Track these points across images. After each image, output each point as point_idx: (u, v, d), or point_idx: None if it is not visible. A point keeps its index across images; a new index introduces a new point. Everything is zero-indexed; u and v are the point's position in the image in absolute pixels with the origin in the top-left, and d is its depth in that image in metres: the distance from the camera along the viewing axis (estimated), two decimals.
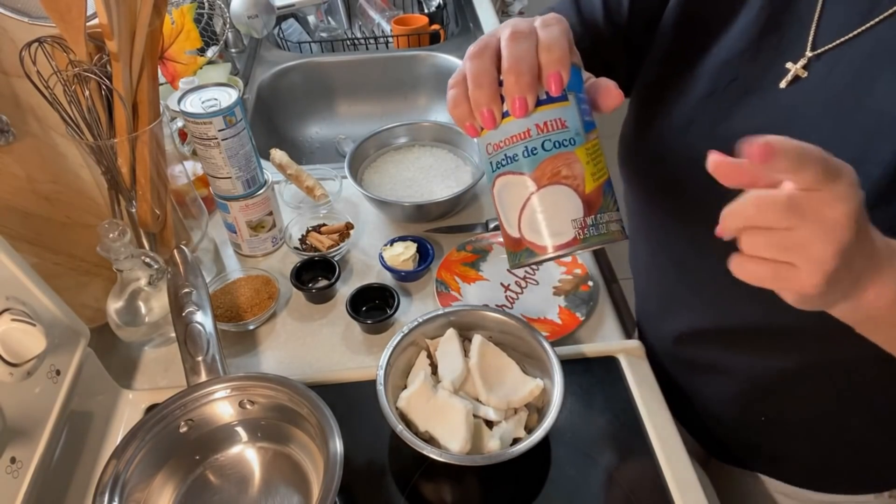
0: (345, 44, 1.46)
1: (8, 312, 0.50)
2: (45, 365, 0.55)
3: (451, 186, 0.94)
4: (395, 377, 0.64)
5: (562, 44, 0.44)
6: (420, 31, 1.43)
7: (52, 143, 0.70)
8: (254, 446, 0.62)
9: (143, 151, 0.69)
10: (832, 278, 0.38)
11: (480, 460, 0.57)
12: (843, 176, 0.37)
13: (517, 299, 0.82)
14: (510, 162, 0.46)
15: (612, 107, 0.49)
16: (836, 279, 0.39)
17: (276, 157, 0.97)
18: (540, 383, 0.63)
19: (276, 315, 0.82)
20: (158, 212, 0.74)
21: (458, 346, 0.66)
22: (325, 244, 0.87)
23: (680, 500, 0.60)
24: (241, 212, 0.84)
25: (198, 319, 0.64)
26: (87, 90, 0.64)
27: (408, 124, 1.03)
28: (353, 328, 0.79)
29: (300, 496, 0.58)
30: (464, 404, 0.60)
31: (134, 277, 0.70)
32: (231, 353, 0.77)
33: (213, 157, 0.78)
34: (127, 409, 0.69)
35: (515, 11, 2.40)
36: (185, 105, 0.75)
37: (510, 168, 0.46)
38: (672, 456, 0.63)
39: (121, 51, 0.63)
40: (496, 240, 0.90)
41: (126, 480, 0.54)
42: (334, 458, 0.53)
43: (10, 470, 0.50)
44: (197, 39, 1.11)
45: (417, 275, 0.84)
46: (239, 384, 0.60)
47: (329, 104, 1.41)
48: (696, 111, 0.59)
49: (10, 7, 0.66)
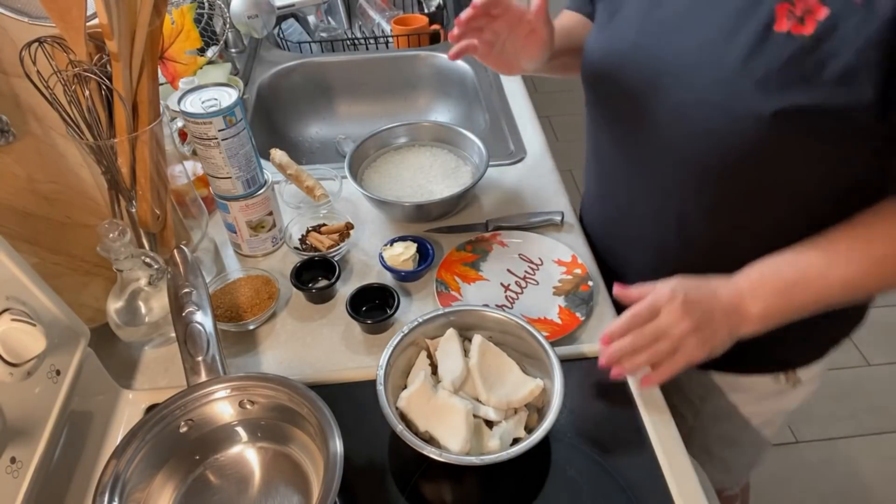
0: (345, 44, 1.46)
1: (8, 312, 0.51)
2: (45, 365, 0.55)
3: (451, 186, 0.94)
4: (395, 377, 0.64)
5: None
6: (420, 31, 1.43)
7: (52, 143, 0.70)
8: (254, 446, 0.62)
9: (143, 151, 0.69)
10: (704, 339, 0.63)
11: (480, 460, 0.57)
12: (663, 298, 0.63)
13: (517, 299, 0.82)
14: None
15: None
16: (707, 337, 0.63)
17: (276, 157, 0.97)
18: (540, 383, 0.63)
19: (276, 315, 0.82)
20: (158, 212, 0.74)
21: (458, 346, 0.66)
22: (325, 244, 0.87)
23: (680, 499, 0.60)
24: (241, 212, 0.84)
25: (198, 319, 0.64)
26: (87, 90, 0.64)
27: (408, 124, 1.03)
28: (353, 328, 0.79)
29: (300, 496, 0.58)
30: (464, 404, 0.60)
31: (134, 277, 0.70)
32: (231, 353, 0.77)
33: (213, 157, 0.78)
34: (127, 409, 0.69)
35: None
36: (185, 105, 0.75)
37: None
38: (672, 456, 0.63)
39: (121, 51, 0.63)
40: (496, 240, 0.90)
41: (126, 480, 0.54)
42: (334, 458, 0.53)
43: (10, 470, 0.50)
44: (197, 39, 1.11)
45: (417, 275, 0.84)
46: (239, 384, 0.60)
47: (329, 104, 1.41)
48: (640, 14, 0.70)
49: (10, 7, 0.66)
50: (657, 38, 0.68)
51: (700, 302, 0.64)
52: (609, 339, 0.65)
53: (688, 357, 0.63)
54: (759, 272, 0.66)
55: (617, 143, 0.79)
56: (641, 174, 0.76)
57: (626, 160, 0.77)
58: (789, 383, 0.82)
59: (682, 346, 0.63)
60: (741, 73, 0.60)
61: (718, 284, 0.66)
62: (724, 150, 0.63)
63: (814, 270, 0.63)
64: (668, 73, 0.66)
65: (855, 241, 0.63)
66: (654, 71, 0.67)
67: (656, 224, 0.77)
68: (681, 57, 0.65)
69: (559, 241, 0.89)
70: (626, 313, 0.65)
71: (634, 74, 0.70)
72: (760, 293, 0.64)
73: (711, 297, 0.65)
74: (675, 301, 0.64)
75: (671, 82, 0.66)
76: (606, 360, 0.65)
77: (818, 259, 0.64)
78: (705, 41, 0.63)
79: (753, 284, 0.65)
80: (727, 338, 0.65)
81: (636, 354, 0.64)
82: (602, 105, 0.79)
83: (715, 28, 0.62)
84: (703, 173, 0.67)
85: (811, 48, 0.56)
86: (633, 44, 0.70)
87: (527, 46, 0.73)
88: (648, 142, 0.72)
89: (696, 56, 0.64)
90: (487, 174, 0.94)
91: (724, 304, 0.64)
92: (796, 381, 0.82)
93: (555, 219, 0.92)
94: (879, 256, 0.62)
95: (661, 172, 0.72)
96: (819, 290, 0.63)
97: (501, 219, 0.93)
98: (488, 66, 0.76)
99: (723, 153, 0.64)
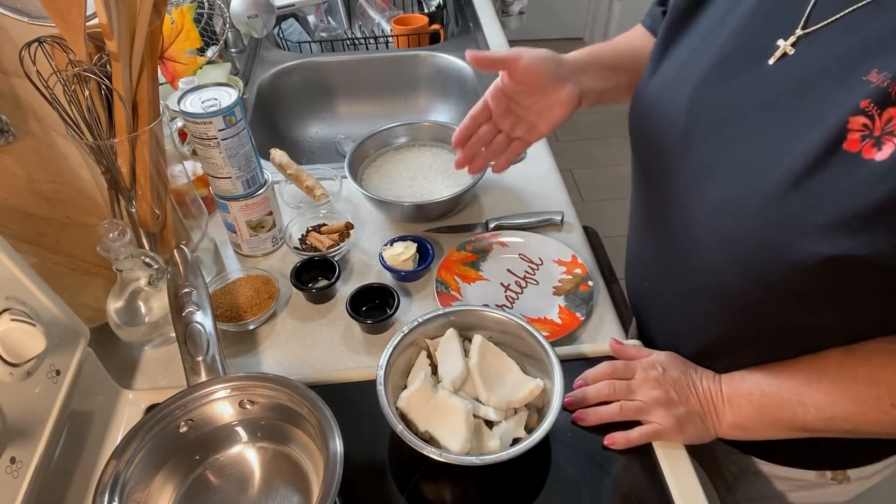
0: (345, 44, 1.46)
1: (8, 312, 0.50)
2: (45, 365, 0.55)
3: (451, 186, 0.94)
4: (395, 377, 0.64)
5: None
6: (420, 30, 1.43)
7: (52, 143, 0.70)
8: (254, 446, 0.62)
9: (143, 151, 0.69)
10: (675, 416, 0.63)
11: (480, 460, 0.57)
12: (644, 364, 0.67)
13: (517, 299, 0.82)
14: None
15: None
16: (679, 416, 0.63)
17: (276, 157, 0.97)
18: (540, 383, 0.63)
19: (276, 315, 0.82)
20: (158, 212, 0.74)
21: (458, 346, 0.66)
22: (325, 244, 0.87)
23: (680, 499, 0.60)
24: (241, 212, 0.84)
25: (198, 319, 0.64)
26: (86, 90, 0.64)
27: (408, 124, 1.03)
28: (353, 328, 0.79)
29: (300, 496, 0.58)
30: (464, 404, 0.60)
31: (134, 277, 0.70)
32: (231, 353, 0.77)
33: (213, 157, 0.78)
34: (127, 409, 0.69)
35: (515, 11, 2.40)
36: (185, 105, 0.75)
37: None
38: (672, 456, 0.63)
39: (121, 51, 0.63)
40: (496, 240, 0.90)
41: (126, 480, 0.54)
42: (334, 458, 0.53)
43: (10, 470, 0.49)
44: (197, 39, 1.11)
45: (417, 275, 0.84)
46: (239, 384, 0.60)
47: (329, 104, 1.41)
48: (697, 82, 0.60)
49: (10, 7, 0.66)
50: (712, 116, 0.58)
51: (677, 382, 0.65)
52: (582, 384, 0.68)
53: (658, 428, 0.63)
54: (741, 375, 0.64)
55: (650, 206, 0.71)
56: (670, 249, 0.67)
57: (658, 229, 0.69)
58: (835, 480, 0.73)
59: (650, 410, 0.64)
60: (790, 193, 0.49)
61: (703, 376, 0.66)
62: (748, 276, 0.54)
63: (790, 391, 0.59)
64: (713, 165, 0.57)
65: (841, 370, 0.57)
66: (700, 157, 0.58)
67: (677, 299, 0.69)
68: (731, 150, 0.55)
69: (559, 241, 0.89)
70: (602, 364, 0.69)
71: (678, 150, 0.61)
72: (736, 401, 0.63)
73: (690, 384, 0.65)
74: (653, 370, 0.66)
75: (713, 178, 0.57)
76: (573, 400, 0.66)
77: (800, 377, 0.59)
78: (765, 142, 0.53)
79: (732, 391, 0.63)
80: (702, 428, 0.64)
81: (602, 406, 0.65)
82: (638, 161, 0.72)
83: (785, 129, 0.51)
84: (725, 287, 0.58)
85: (880, 179, 0.44)
86: (685, 112, 0.60)
87: (542, 113, 0.70)
88: (678, 225, 0.63)
89: (749, 156, 0.53)
90: (487, 174, 0.94)
91: (701, 397, 0.64)
92: (844, 479, 0.73)
93: (555, 219, 0.92)
94: (862, 394, 0.56)
95: (684, 260, 0.64)
96: (794, 411, 0.59)
97: (501, 219, 0.93)
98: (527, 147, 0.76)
99: (746, 278, 0.55)
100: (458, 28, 1.50)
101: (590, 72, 0.74)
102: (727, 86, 0.57)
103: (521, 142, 0.75)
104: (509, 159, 0.76)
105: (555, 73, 0.69)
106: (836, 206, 0.46)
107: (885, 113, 0.45)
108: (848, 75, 0.48)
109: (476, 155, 0.75)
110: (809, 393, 0.58)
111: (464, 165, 0.75)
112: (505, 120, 0.73)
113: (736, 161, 0.54)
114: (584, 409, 0.66)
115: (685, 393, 0.65)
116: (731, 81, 0.57)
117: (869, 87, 0.46)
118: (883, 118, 0.45)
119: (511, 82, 0.69)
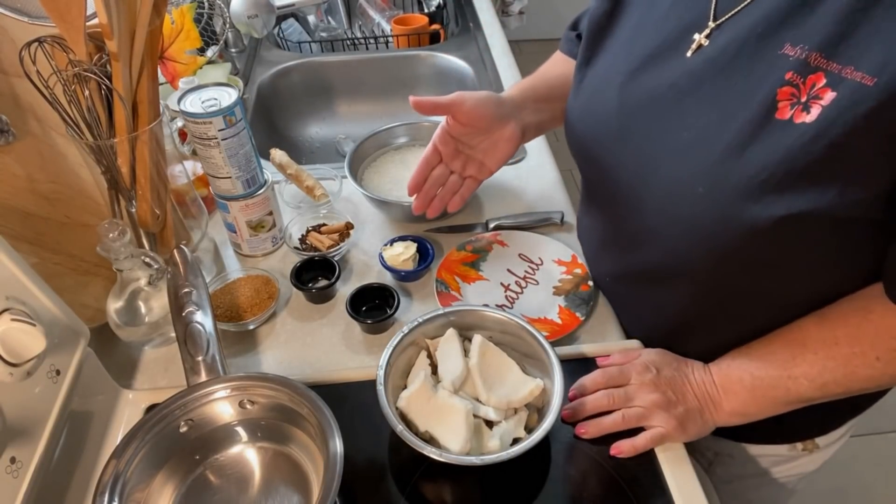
0: (345, 44, 1.46)
1: (8, 312, 0.50)
2: (45, 365, 0.55)
3: None
4: (395, 377, 0.64)
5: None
6: (420, 30, 1.43)
7: (52, 143, 0.70)
8: (254, 446, 0.62)
9: (143, 151, 0.69)
10: (676, 416, 0.63)
11: (480, 460, 0.57)
12: (636, 368, 0.67)
13: (517, 299, 0.82)
14: None
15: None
16: (679, 415, 0.63)
17: (276, 157, 0.97)
18: (540, 383, 0.63)
19: (276, 315, 0.82)
20: (158, 212, 0.74)
21: (459, 346, 0.66)
22: (325, 244, 0.87)
23: (680, 499, 0.60)
24: (241, 212, 0.84)
25: (198, 319, 0.64)
26: (86, 90, 0.64)
27: (408, 124, 1.03)
28: (353, 328, 0.79)
29: (300, 496, 0.58)
30: (464, 404, 0.60)
31: (134, 277, 0.70)
32: (231, 353, 0.77)
33: (213, 157, 0.78)
34: (127, 409, 0.69)
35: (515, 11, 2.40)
36: (185, 105, 0.75)
37: None
38: (672, 456, 0.63)
39: (121, 51, 0.63)
40: (496, 240, 0.90)
41: (126, 480, 0.54)
42: (334, 458, 0.53)
43: (10, 470, 0.49)
44: (197, 39, 1.11)
45: (417, 275, 0.84)
46: (239, 384, 0.60)
47: (329, 104, 1.41)
48: (623, 82, 0.64)
49: (10, 7, 0.66)
50: (642, 111, 0.61)
51: (672, 381, 0.66)
52: (577, 394, 0.67)
53: (662, 431, 0.63)
54: (728, 363, 0.65)
55: (602, 212, 0.74)
56: (630, 244, 0.70)
57: (614, 230, 0.73)
58: (806, 451, 0.77)
59: (652, 415, 0.63)
60: (733, 165, 0.53)
61: (694, 368, 0.67)
62: (709, 251, 0.58)
63: (779, 368, 0.61)
64: (654, 155, 0.60)
65: (822, 337, 0.59)
66: (639, 150, 0.62)
67: (645, 289, 0.72)
68: (667, 137, 0.59)
69: (559, 240, 0.89)
70: (596, 372, 0.68)
71: (616, 149, 0.65)
72: (730, 389, 0.64)
73: (684, 380, 0.66)
74: (647, 373, 0.66)
75: (656, 166, 0.60)
76: (571, 412, 0.66)
77: (783, 353, 0.61)
78: (697, 125, 0.56)
79: (724, 379, 0.64)
80: (702, 423, 0.64)
81: (603, 417, 0.65)
82: (585, 169, 0.74)
83: (714, 110, 0.55)
84: (688, 265, 0.62)
85: (814, 139, 0.48)
86: (616, 113, 0.64)
87: (488, 151, 0.76)
88: (632, 219, 0.66)
89: (686, 139, 0.57)
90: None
91: (697, 391, 0.65)
92: (814, 448, 0.77)
93: (555, 219, 0.92)
94: (847, 355, 0.58)
95: (646, 251, 0.67)
96: (787, 387, 0.61)
97: (501, 219, 0.93)
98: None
99: (707, 253, 0.58)
100: (458, 28, 1.50)
101: (527, 107, 0.81)
102: (652, 80, 0.61)
103: (473, 180, 0.82)
104: (464, 196, 0.82)
105: (496, 114, 0.75)
106: (780, 169, 0.50)
107: (808, 80, 0.49)
108: (764, 53, 0.52)
109: (432, 198, 0.81)
110: (797, 366, 0.60)
111: (422, 210, 0.82)
112: (455, 161, 0.80)
113: (674, 147, 0.58)
114: (583, 421, 0.65)
115: (681, 391, 0.65)
116: (655, 75, 0.61)
117: (788, 59, 0.50)
118: (807, 84, 0.49)
119: (456, 125, 0.75)
